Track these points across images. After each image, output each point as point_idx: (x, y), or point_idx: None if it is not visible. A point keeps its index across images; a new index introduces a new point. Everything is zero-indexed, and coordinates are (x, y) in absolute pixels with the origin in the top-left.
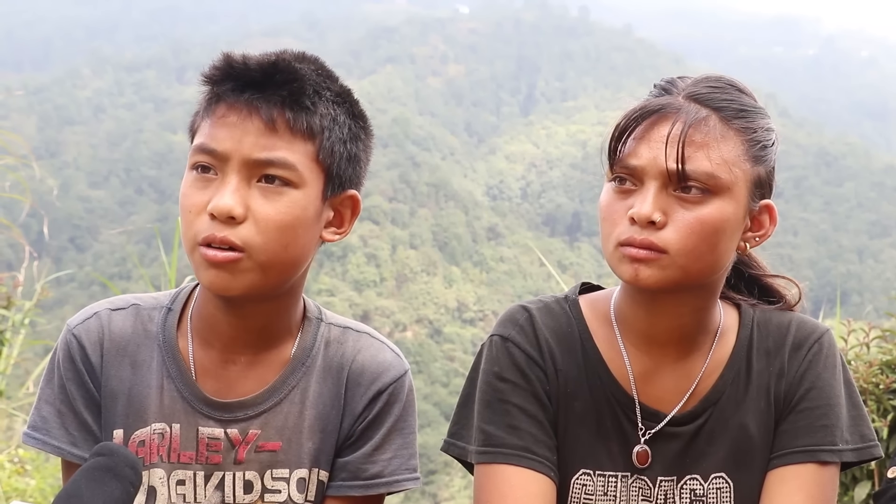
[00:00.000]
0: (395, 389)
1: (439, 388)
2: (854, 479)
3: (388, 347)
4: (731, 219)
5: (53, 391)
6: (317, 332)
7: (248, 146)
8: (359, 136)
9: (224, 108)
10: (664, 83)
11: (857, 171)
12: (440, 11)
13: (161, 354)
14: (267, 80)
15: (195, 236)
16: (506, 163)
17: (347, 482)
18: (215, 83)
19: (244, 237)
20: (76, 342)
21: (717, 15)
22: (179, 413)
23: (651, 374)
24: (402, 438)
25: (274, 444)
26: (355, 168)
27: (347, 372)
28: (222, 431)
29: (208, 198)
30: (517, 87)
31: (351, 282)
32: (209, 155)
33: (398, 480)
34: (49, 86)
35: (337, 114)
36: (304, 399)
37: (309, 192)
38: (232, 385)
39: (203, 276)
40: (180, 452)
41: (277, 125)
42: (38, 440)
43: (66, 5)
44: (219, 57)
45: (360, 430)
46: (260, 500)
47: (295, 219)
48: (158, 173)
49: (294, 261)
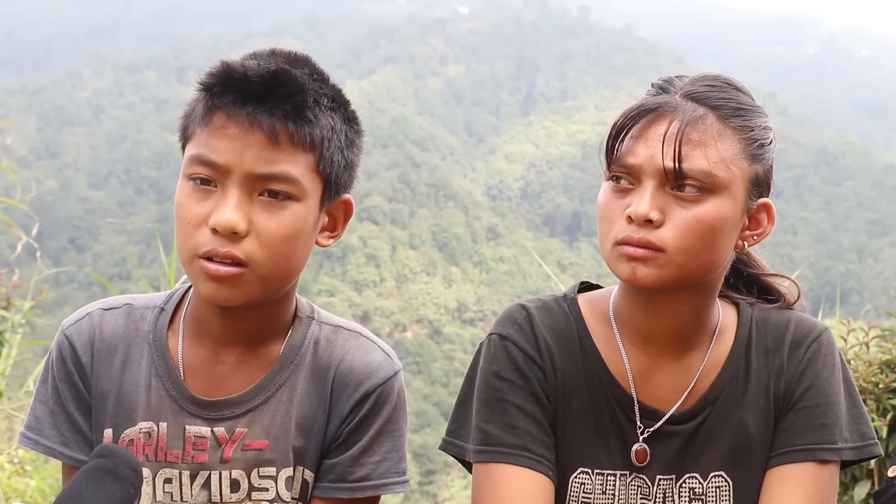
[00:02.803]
0: (383, 391)
1: (439, 389)
2: (854, 478)
3: (379, 348)
4: (728, 217)
5: (47, 391)
6: (307, 331)
7: (250, 160)
8: (354, 141)
9: (223, 119)
10: (661, 82)
11: (857, 170)
12: (440, 11)
13: (150, 353)
14: (268, 93)
15: (194, 248)
16: (505, 163)
17: (334, 484)
18: (214, 92)
19: (248, 252)
20: (67, 343)
21: (718, 14)
22: (167, 412)
23: (650, 373)
24: (392, 441)
25: (261, 443)
26: (350, 173)
27: (334, 372)
28: (209, 430)
29: (208, 210)
30: (517, 87)
31: (351, 282)
32: (208, 167)
33: (386, 484)
34: (49, 86)
35: (335, 122)
36: (291, 398)
37: (309, 203)
38: (220, 383)
39: (203, 288)
40: (167, 451)
41: (280, 138)
42: (32, 440)
43: (68, 6)
44: (216, 65)
45: (346, 431)
46: (247, 498)
47: (297, 231)
48: (158, 174)
49: (294, 270)
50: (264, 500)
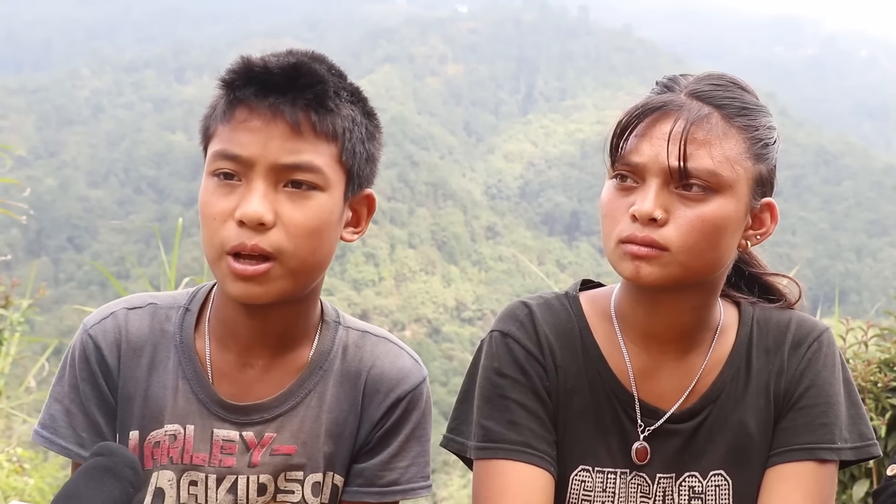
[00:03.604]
0: (413, 397)
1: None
2: (853, 478)
3: (408, 354)
4: (732, 216)
5: (63, 389)
6: (335, 337)
7: (273, 151)
8: (374, 135)
9: (245, 113)
10: (666, 80)
11: (856, 170)
12: (440, 11)
13: (177, 355)
14: (290, 84)
15: (222, 244)
16: (504, 162)
17: (363, 488)
18: (235, 87)
19: (275, 243)
20: (92, 343)
21: (718, 15)
22: (194, 414)
23: (651, 371)
24: (420, 446)
25: (289, 448)
26: (372, 167)
27: (365, 378)
28: (237, 434)
29: (234, 204)
30: (516, 86)
31: (350, 281)
32: (232, 161)
33: (413, 488)
34: (48, 86)
35: (355, 114)
36: (320, 403)
37: (333, 194)
38: (248, 388)
39: (231, 288)
40: (193, 454)
41: (302, 128)
42: (46, 439)
43: (67, 6)
44: (236, 61)
45: (377, 437)
46: (273, 500)
47: (322, 222)
48: (157, 173)
49: (320, 264)
50: (289, 502)
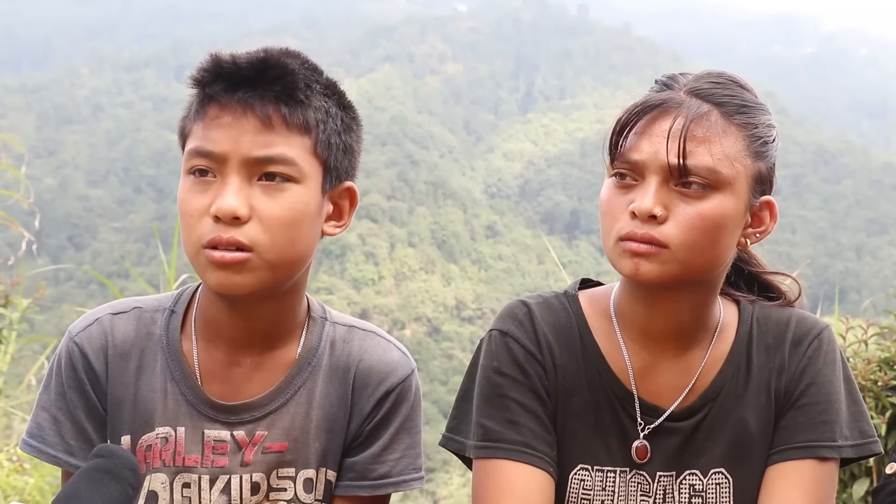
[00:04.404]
0: (402, 389)
1: (438, 387)
2: (853, 476)
3: (395, 346)
4: (731, 214)
5: (50, 397)
6: (322, 332)
7: (245, 145)
8: (351, 127)
9: (216, 109)
10: (665, 78)
11: (856, 169)
12: (439, 10)
13: (165, 358)
14: (259, 77)
15: (199, 240)
16: (504, 161)
17: (355, 482)
18: (205, 84)
19: (251, 236)
20: (78, 350)
21: (717, 13)
22: (184, 416)
23: (650, 370)
24: (410, 438)
25: (280, 445)
26: (350, 159)
27: (354, 372)
28: (228, 434)
29: (209, 200)
30: (516, 85)
31: (349, 280)
32: (206, 157)
33: (406, 480)
34: (47, 85)
35: (329, 106)
36: (310, 399)
37: (310, 186)
38: (237, 387)
39: (210, 278)
40: (185, 456)
41: (273, 121)
42: (34, 448)
43: (66, 5)
44: (206, 58)
45: (368, 430)
46: (266, 499)
47: (299, 214)
48: (157, 172)
49: (300, 256)
50: (282, 500)
